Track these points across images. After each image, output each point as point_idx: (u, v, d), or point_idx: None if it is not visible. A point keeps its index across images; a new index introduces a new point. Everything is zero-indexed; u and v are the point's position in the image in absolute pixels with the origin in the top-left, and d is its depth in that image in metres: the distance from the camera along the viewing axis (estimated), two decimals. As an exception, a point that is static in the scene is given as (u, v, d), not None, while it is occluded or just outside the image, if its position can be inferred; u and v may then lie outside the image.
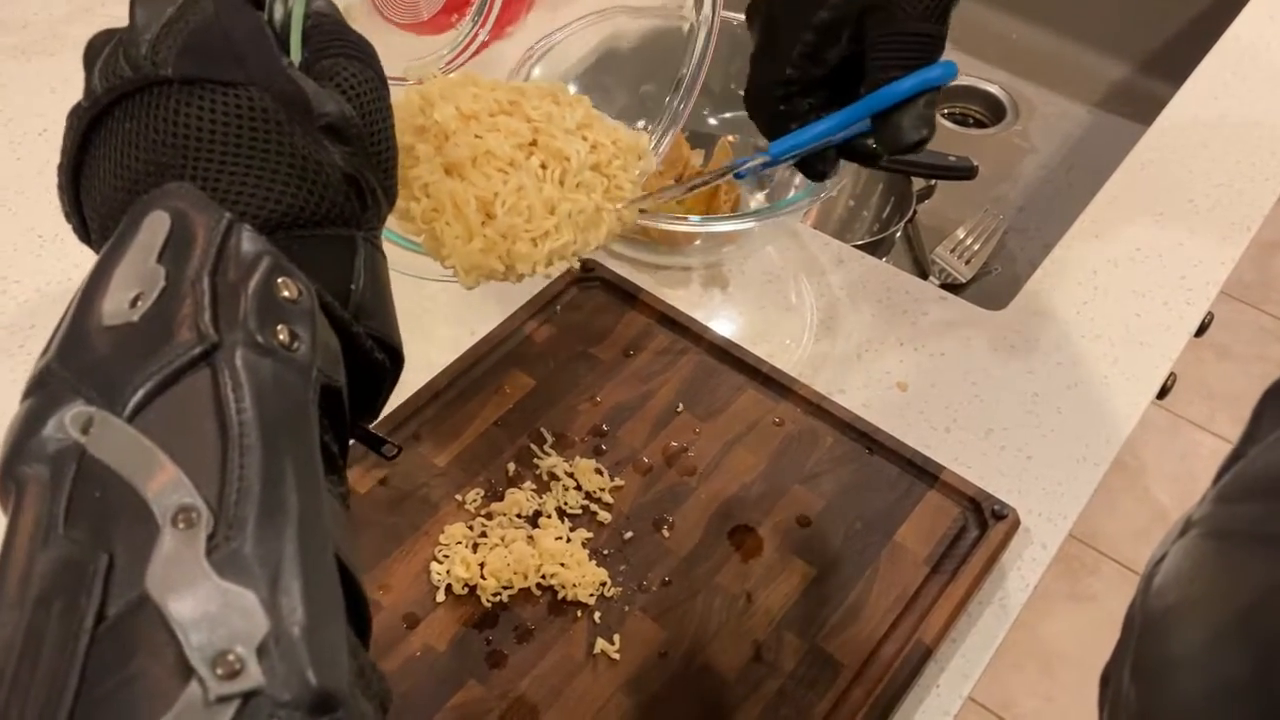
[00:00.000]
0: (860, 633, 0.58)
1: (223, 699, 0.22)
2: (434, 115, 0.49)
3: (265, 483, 0.25)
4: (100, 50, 0.34)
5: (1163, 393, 0.80)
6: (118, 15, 0.34)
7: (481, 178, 0.47)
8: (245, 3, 0.34)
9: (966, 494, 0.64)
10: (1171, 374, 0.78)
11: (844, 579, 0.60)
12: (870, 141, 0.54)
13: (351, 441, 0.37)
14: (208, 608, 0.23)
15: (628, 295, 0.74)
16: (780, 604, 0.59)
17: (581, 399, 0.68)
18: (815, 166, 0.55)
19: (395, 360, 0.37)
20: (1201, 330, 0.82)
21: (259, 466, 0.25)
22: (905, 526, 0.63)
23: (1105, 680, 0.34)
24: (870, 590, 0.60)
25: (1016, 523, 0.63)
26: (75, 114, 0.34)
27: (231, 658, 0.23)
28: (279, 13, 0.35)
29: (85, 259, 0.32)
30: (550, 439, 0.66)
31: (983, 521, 0.63)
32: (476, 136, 0.48)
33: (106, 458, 0.26)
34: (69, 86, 0.92)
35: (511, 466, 0.64)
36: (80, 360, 0.27)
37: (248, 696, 0.23)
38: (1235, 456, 0.33)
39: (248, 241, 0.29)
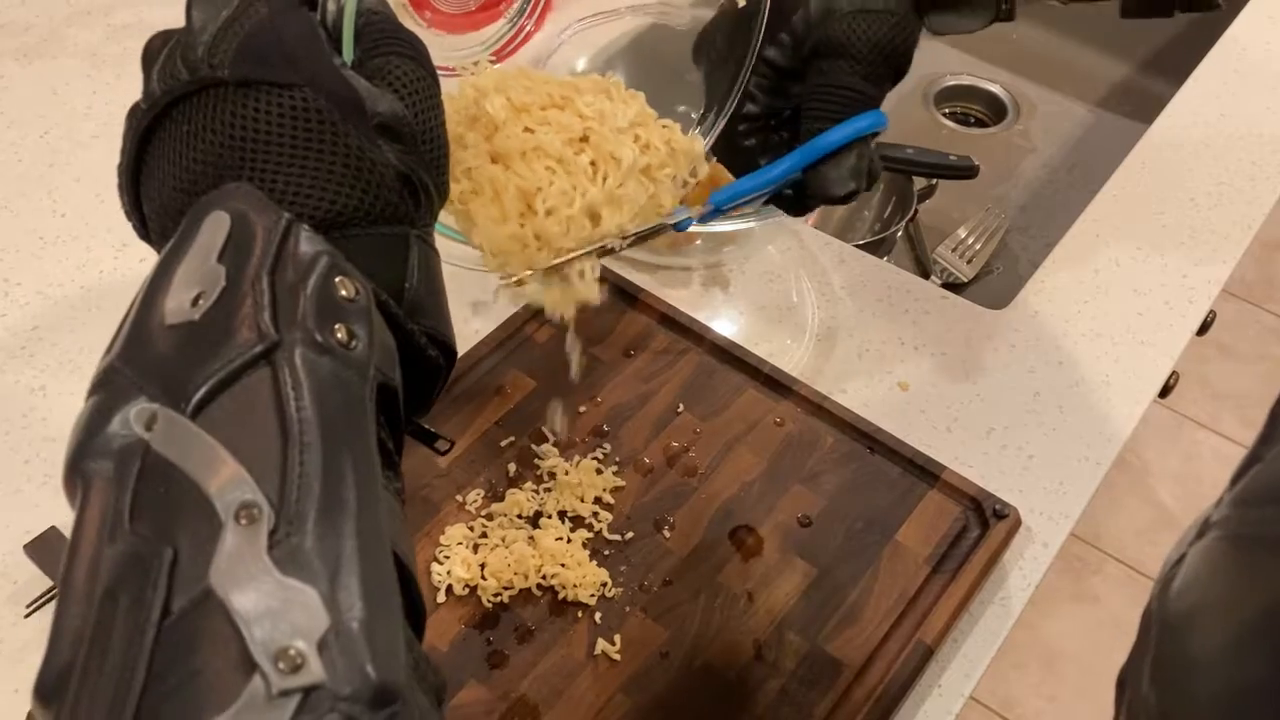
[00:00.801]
0: (861, 633, 0.58)
1: (285, 693, 0.23)
2: (485, 106, 0.49)
3: (325, 480, 0.26)
4: (158, 52, 0.34)
5: (1165, 392, 0.80)
6: (119, 20, 0.34)
7: (527, 170, 0.47)
8: (299, 3, 0.34)
9: (968, 493, 0.64)
10: (1174, 373, 0.78)
11: (845, 579, 0.60)
12: (789, 191, 0.53)
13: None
14: (270, 603, 0.24)
15: (628, 295, 0.74)
16: (781, 604, 0.59)
17: (583, 399, 0.68)
18: (788, 206, 0.55)
19: (449, 356, 0.37)
20: (1204, 329, 0.82)
21: (319, 464, 0.26)
22: (906, 526, 0.63)
23: (1121, 683, 0.34)
24: (871, 590, 0.60)
25: (1018, 522, 0.63)
26: (133, 115, 0.34)
27: (293, 652, 0.23)
28: (332, 12, 0.35)
29: (88, 262, 0.33)
30: (551, 439, 0.66)
31: (984, 521, 0.63)
32: (527, 129, 0.48)
33: (170, 454, 0.26)
34: (70, 89, 0.92)
35: (512, 467, 0.64)
36: (143, 358, 0.28)
37: (309, 691, 0.23)
38: (1253, 459, 0.33)
39: (306, 241, 0.30)
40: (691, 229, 0.53)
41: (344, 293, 0.30)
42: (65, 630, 0.25)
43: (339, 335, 0.29)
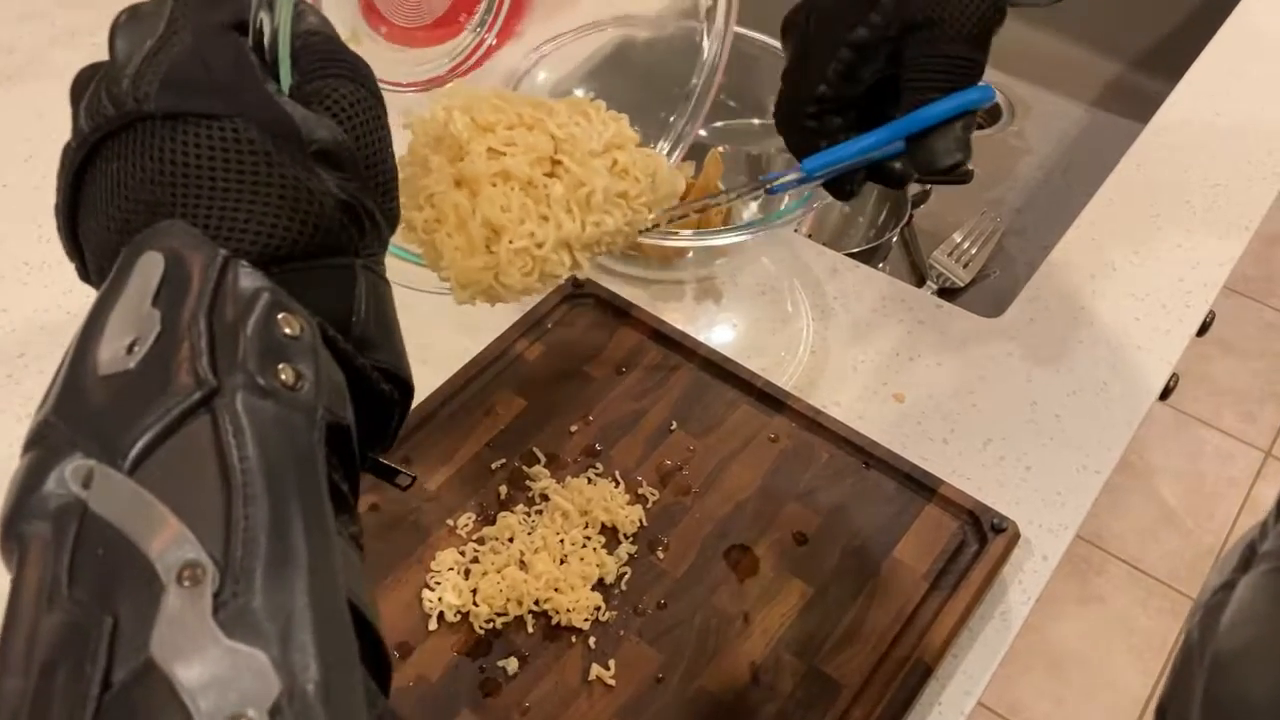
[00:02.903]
0: (859, 652, 0.57)
1: None
2: (449, 126, 0.48)
3: (272, 532, 0.25)
4: (86, 86, 0.33)
5: (1165, 394, 0.79)
6: (105, 42, 0.33)
7: (496, 197, 0.45)
8: (227, 29, 0.33)
9: (965, 507, 0.63)
10: (1174, 375, 0.77)
11: (842, 597, 0.60)
12: (897, 164, 0.53)
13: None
14: (216, 671, 0.23)
15: (619, 311, 0.73)
16: (778, 624, 0.59)
17: (574, 418, 0.67)
18: (843, 186, 0.55)
19: (404, 391, 0.36)
20: (1203, 330, 0.81)
21: (265, 516, 0.25)
22: (903, 542, 0.62)
23: (1162, 711, 0.33)
24: (869, 608, 0.59)
25: (1016, 535, 0.62)
26: (65, 154, 0.33)
27: None
28: (267, 35, 0.34)
29: (75, 286, 0.32)
30: (543, 460, 0.65)
31: (982, 535, 0.62)
32: (492, 150, 0.47)
33: (108, 514, 0.25)
34: (55, 112, 0.91)
35: (503, 489, 0.64)
36: (78, 412, 0.27)
37: None
38: None
39: (245, 278, 0.29)
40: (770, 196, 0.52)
41: (287, 330, 0.28)
42: (3, 705, 0.24)
43: (283, 376, 0.28)
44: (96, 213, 0.32)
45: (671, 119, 0.57)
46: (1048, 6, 0.55)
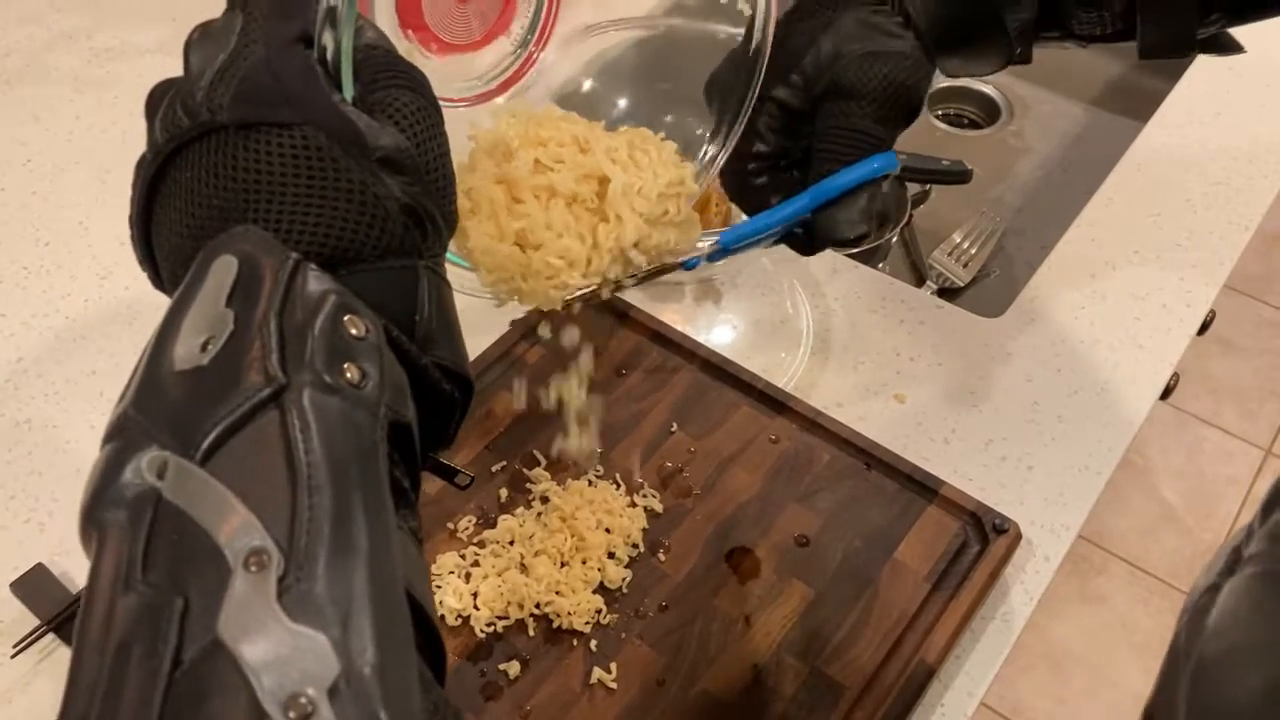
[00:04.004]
0: (861, 654, 0.57)
1: None
2: (501, 129, 0.48)
3: (334, 522, 0.26)
4: (160, 100, 0.34)
5: (1165, 394, 0.79)
6: (102, 43, 0.34)
7: (530, 217, 0.46)
8: (295, 42, 0.34)
9: (967, 508, 0.63)
10: (1174, 374, 0.77)
11: (844, 599, 0.59)
12: (800, 232, 0.53)
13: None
14: (279, 650, 0.24)
15: (619, 313, 0.73)
16: (779, 627, 0.58)
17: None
18: (796, 245, 0.55)
19: (465, 389, 0.37)
20: (1203, 329, 0.81)
21: (328, 506, 0.26)
22: (905, 544, 0.62)
23: (1150, 717, 0.33)
24: (871, 610, 0.59)
25: (1018, 536, 0.62)
26: (140, 166, 0.34)
27: (304, 700, 0.23)
28: (330, 49, 0.35)
29: (73, 291, 0.32)
30: (543, 462, 0.65)
31: (984, 536, 0.62)
32: (538, 160, 0.47)
33: (181, 502, 0.26)
34: (52, 115, 0.91)
35: (504, 492, 0.63)
36: (154, 405, 0.28)
37: None
38: None
39: (314, 281, 0.30)
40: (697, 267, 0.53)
41: (353, 331, 0.30)
42: (80, 682, 0.25)
43: (348, 375, 0.29)
44: (170, 220, 0.33)
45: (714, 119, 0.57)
46: (1083, 47, 0.55)
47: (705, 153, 0.58)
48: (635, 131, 0.51)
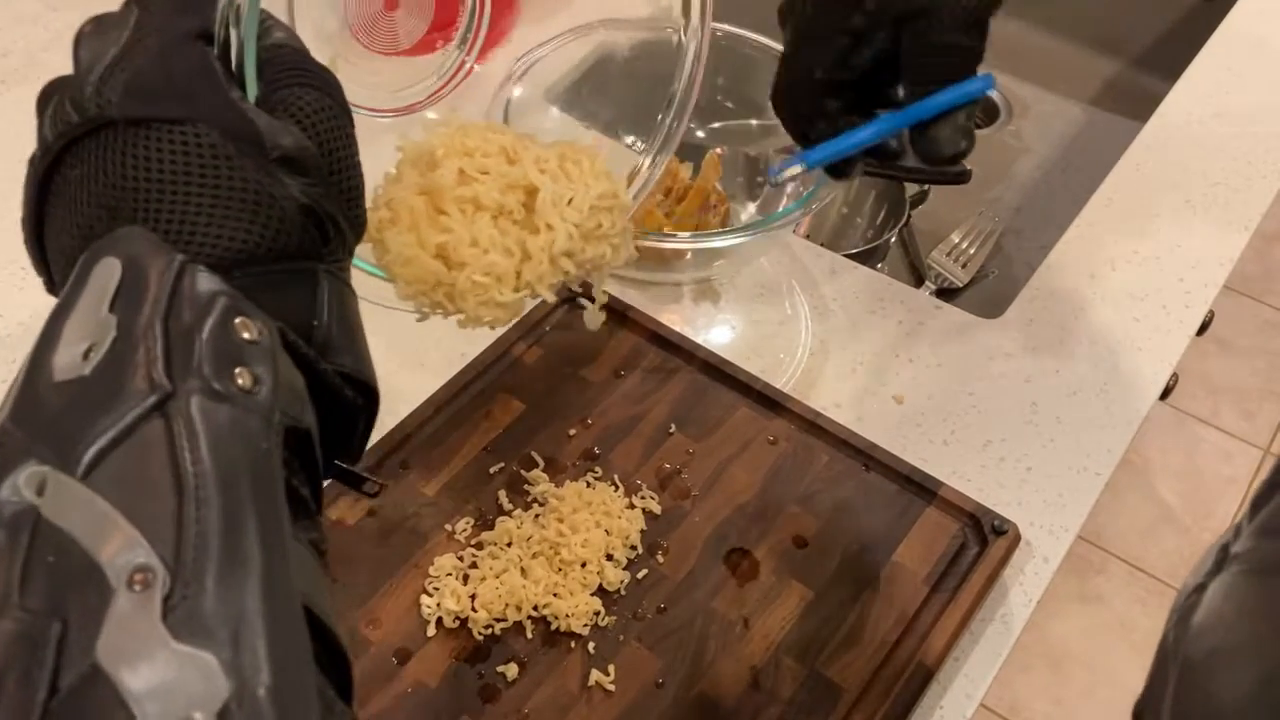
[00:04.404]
0: (860, 656, 0.57)
1: None
2: (427, 140, 0.47)
3: (224, 536, 0.25)
4: (51, 97, 0.33)
5: (1164, 394, 0.79)
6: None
7: (459, 224, 0.45)
8: (193, 37, 0.33)
9: (966, 509, 0.62)
10: (1173, 375, 0.77)
11: (842, 601, 0.59)
12: (893, 141, 0.53)
13: (329, 481, 0.36)
14: (164, 675, 0.22)
15: (617, 314, 0.72)
16: (778, 629, 0.58)
17: (572, 422, 0.67)
18: (840, 168, 0.55)
19: (369, 397, 0.36)
20: (1202, 329, 0.81)
21: (217, 519, 0.25)
22: (904, 545, 0.61)
23: (1139, 717, 0.33)
24: (869, 612, 0.59)
25: (1017, 538, 0.62)
26: (31, 164, 0.33)
27: None
28: (234, 45, 0.34)
29: None
30: (541, 464, 0.65)
31: (983, 538, 0.61)
32: (462, 171, 0.47)
33: (60, 520, 0.25)
34: (50, 115, 0.91)
35: (502, 494, 0.63)
36: (33, 418, 0.27)
37: None
38: (1273, 486, 0.32)
39: (202, 282, 0.29)
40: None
41: (245, 334, 0.28)
42: None
43: (239, 380, 0.27)
44: (60, 221, 0.32)
45: (658, 118, 0.57)
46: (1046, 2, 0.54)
47: (639, 166, 0.58)
48: (567, 143, 0.51)
